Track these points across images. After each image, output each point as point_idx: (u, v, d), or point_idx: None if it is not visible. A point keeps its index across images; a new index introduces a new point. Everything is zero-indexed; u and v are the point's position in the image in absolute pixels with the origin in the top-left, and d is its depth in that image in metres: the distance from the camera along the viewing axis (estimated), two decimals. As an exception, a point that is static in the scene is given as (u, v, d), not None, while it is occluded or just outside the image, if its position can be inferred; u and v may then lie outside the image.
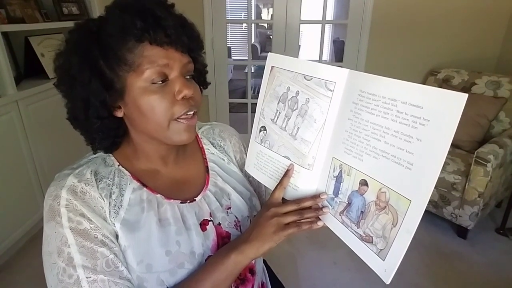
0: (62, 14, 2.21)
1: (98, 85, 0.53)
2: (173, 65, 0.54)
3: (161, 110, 0.54)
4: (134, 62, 0.52)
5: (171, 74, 0.55)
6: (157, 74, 0.53)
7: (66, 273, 0.51)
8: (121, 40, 0.52)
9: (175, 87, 0.55)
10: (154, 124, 0.56)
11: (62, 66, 0.55)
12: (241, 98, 4.68)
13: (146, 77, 0.53)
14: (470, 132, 2.09)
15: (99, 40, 0.53)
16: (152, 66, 0.53)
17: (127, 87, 0.54)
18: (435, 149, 0.41)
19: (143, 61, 0.52)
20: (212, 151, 0.74)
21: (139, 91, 0.54)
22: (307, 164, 0.57)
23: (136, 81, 0.53)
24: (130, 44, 0.52)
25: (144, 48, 0.52)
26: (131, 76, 0.53)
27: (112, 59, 0.53)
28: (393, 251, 0.46)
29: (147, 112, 0.54)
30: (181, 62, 0.55)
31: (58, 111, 0.60)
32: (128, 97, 0.55)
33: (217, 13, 2.65)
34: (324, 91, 0.53)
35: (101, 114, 0.56)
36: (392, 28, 2.57)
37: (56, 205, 0.53)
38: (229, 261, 0.54)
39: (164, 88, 0.54)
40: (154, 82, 0.54)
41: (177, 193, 0.64)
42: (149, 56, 0.52)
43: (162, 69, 0.54)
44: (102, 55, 0.53)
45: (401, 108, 0.45)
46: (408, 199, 0.44)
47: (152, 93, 0.54)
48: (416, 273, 1.71)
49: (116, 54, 0.53)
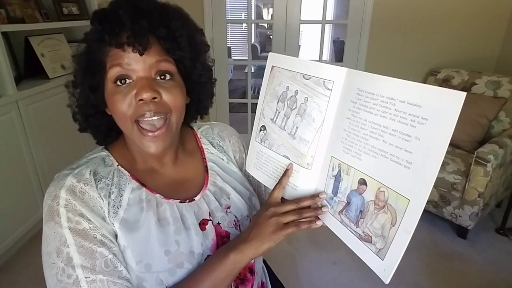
0: (62, 14, 2.21)
1: (86, 88, 0.58)
2: (134, 67, 0.54)
3: (121, 109, 0.55)
4: (106, 63, 0.56)
5: (134, 75, 0.55)
6: (117, 74, 0.55)
7: (65, 273, 0.51)
8: (95, 45, 0.56)
9: (135, 89, 0.54)
10: (121, 124, 0.58)
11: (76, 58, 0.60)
12: (241, 98, 4.68)
13: (110, 77, 0.56)
14: (470, 132, 2.09)
15: (88, 48, 0.58)
16: (115, 67, 0.55)
17: (104, 88, 0.58)
18: (434, 148, 0.41)
19: (109, 62, 0.55)
20: (211, 150, 0.74)
21: (108, 91, 0.57)
22: (306, 164, 0.57)
23: (107, 81, 0.56)
24: (102, 47, 0.55)
25: (111, 50, 0.55)
26: (105, 78, 0.57)
27: (93, 64, 0.57)
28: (392, 251, 0.46)
29: (113, 111, 0.57)
30: (145, 62, 0.54)
31: (58, 111, 0.62)
32: (105, 97, 0.58)
33: (217, 13, 2.65)
34: (323, 90, 0.53)
35: (85, 113, 0.61)
36: (392, 28, 2.57)
37: (55, 205, 0.53)
38: (228, 260, 0.54)
39: (126, 89, 0.55)
40: (117, 82, 0.55)
41: (176, 193, 0.64)
42: (112, 56, 0.55)
43: (123, 70, 0.54)
44: (90, 60, 0.58)
45: (399, 107, 0.44)
46: (407, 198, 0.44)
47: (115, 93, 0.55)
48: (416, 273, 1.71)
49: (94, 58, 0.56)
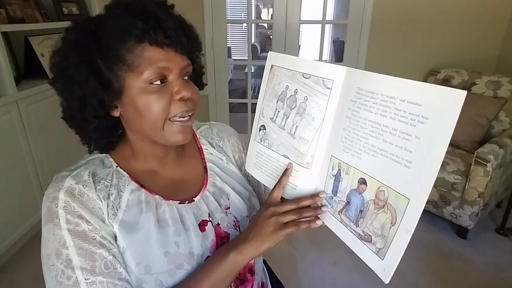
0: (62, 14, 2.21)
1: (96, 84, 0.53)
2: (172, 67, 0.54)
3: (158, 109, 0.54)
4: (134, 62, 0.52)
5: (170, 75, 0.55)
6: (156, 75, 0.53)
7: (65, 275, 0.51)
8: (121, 40, 0.52)
9: (173, 88, 0.55)
10: (149, 124, 0.56)
11: (59, 64, 0.55)
12: (241, 98, 4.68)
13: (145, 78, 0.53)
14: (470, 132, 2.08)
15: (98, 39, 0.53)
16: (152, 67, 0.53)
17: (125, 87, 0.54)
18: (434, 147, 0.41)
19: (143, 62, 0.52)
20: (210, 151, 0.73)
21: (137, 91, 0.54)
22: (305, 163, 0.57)
23: (134, 81, 0.53)
24: (130, 45, 0.52)
25: (144, 49, 0.52)
26: (129, 76, 0.53)
27: (111, 58, 0.53)
28: (392, 250, 0.45)
29: (144, 111, 0.54)
30: (180, 63, 0.56)
31: (58, 111, 0.59)
32: (125, 96, 0.55)
33: (217, 13, 2.65)
34: (322, 89, 0.53)
35: (98, 113, 0.56)
36: (392, 28, 2.57)
37: (54, 207, 0.53)
38: (228, 260, 0.54)
39: (162, 88, 0.55)
40: (152, 82, 0.54)
41: (176, 194, 0.64)
42: (149, 57, 0.53)
43: (161, 70, 0.54)
44: (101, 54, 0.53)
45: (399, 106, 0.44)
46: (406, 197, 0.44)
47: (150, 93, 0.54)
48: (416, 273, 1.71)
49: (115, 54, 0.52)
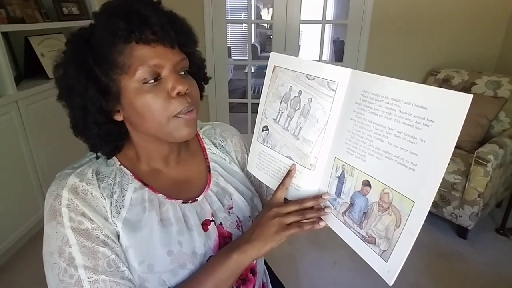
0: (62, 14, 2.21)
1: (95, 92, 0.54)
2: (163, 63, 0.54)
3: (157, 107, 0.54)
4: (125, 63, 0.53)
5: (163, 71, 0.55)
6: (148, 73, 0.53)
7: (67, 273, 0.51)
8: (110, 43, 0.53)
9: (168, 84, 0.55)
10: (153, 123, 0.56)
11: (61, 77, 0.56)
12: (241, 98, 4.67)
13: (138, 78, 0.53)
14: (470, 132, 2.09)
15: (92, 48, 0.54)
16: (143, 66, 0.53)
17: (122, 90, 0.54)
18: (439, 151, 0.41)
19: (134, 62, 0.53)
20: (213, 151, 0.73)
21: (133, 92, 0.54)
22: (309, 164, 0.57)
23: (129, 82, 0.54)
24: (119, 47, 0.52)
25: (133, 49, 0.53)
26: (124, 79, 0.54)
27: (105, 64, 0.53)
28: (396, 253, 0.45)
29: (144, 112, 0.55)
30: (172, 58, 0.55)
31: (58, 111, 0.59)
32: (124, 99, 0.55)
33: (217, 13, 2.64)
34: (327, 91, 0.53)
35: (99, 120, 0.56)
36: (392, 28, 2.57)
37: (57, 205, 0.53)
38: (230, 261, 0.54)
39: (157, 86, 0.54)
40: (146, 81, 0.54)
41: (179, 193, 0.64)
42: (139, 56, 0.53)
43: (153, 68, 0.53)
44: (96, 62, 0.54)
45: (404, 109, 0.44)
46: (411, 200, 0.44)
47: (146, 92, 0.54)
48: (416, 273, 1.71)
49: (107, 58, 0.53)
